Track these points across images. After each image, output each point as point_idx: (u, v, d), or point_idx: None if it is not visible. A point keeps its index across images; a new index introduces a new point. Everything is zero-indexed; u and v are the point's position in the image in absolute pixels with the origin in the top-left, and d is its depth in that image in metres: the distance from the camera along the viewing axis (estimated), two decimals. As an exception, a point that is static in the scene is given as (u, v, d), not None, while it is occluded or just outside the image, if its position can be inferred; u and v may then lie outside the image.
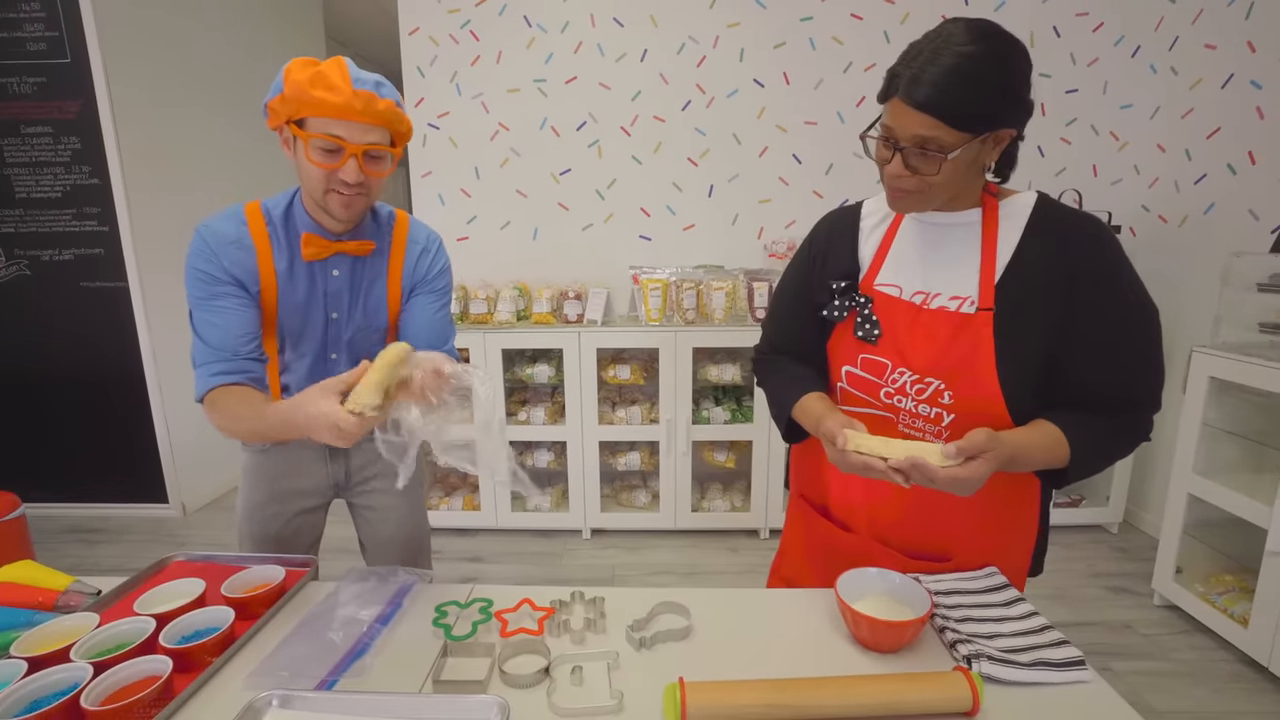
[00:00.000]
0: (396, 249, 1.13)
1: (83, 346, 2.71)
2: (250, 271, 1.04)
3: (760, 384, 1.13)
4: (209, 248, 1.02)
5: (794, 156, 2.67)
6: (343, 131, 0.94)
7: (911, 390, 0.91)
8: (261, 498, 1.22)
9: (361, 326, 1.13)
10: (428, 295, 1.16)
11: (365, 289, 1.11)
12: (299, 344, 1.12)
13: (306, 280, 1.07)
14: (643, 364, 2.57)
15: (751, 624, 0.91)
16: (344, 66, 0.94)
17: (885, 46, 2.58)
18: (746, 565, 2.43)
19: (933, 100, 0.76)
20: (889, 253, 0.96)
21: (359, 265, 1.10)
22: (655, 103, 2.63)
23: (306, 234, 1.04)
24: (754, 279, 2.43)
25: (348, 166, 0.95)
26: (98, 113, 2.53)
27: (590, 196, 2.71)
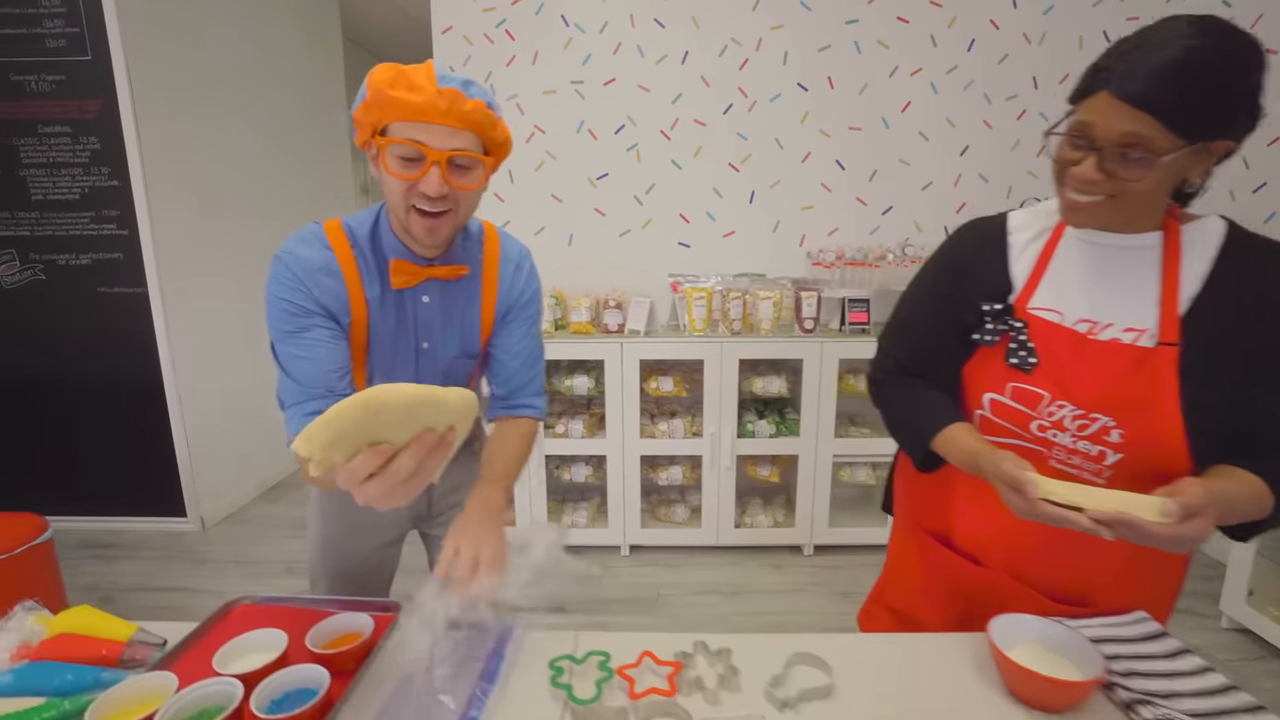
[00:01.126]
0: (489, 268, 1.04)
1: (99, 354, 2.61)
2: (341, 301, 0.94)
3: (882, 405, 1.04)
4: (295, 276, 0.91)
5: (837, 162, 2.60)
6: (423, 135, 0.83)
7: (1072, 425, 0.83)
8: (338, 533, 1.13)
9: (455, 355, 1.04)
10: (521, 318, 1.07)
11: (459, 315, 1.02)
12: (389, 377, 1.02)
13: (396, 309, 0.98)
14: (685, 375, 2.49)
15: (895, 676, 0.83)
16: (430, 66, 0.84)
17: (932, 50, 2.51)
18: (793, 584, 2.35)
19: (1150, 95, 0.68)
20: (1046, 273, 0.88)
21: (450, 289, 1.01)
22: (696, 106, 2.56)
23: (396, 260, 0.94)
24: (802, 288, 2.35)
25: (429, 177, 0.84)
26: (118, 112, 2.43)
27: (628, 202, 2.63)
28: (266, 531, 2.79)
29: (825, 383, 2.34)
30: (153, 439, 2.68)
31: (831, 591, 2.31)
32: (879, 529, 2.51)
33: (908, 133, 2.58)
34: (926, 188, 2.62)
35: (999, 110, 2.56)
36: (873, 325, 2.40)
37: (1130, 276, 0.83)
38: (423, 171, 0.84)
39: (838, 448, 2.42)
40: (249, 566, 2.48)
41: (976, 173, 2.61)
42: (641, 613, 2.19)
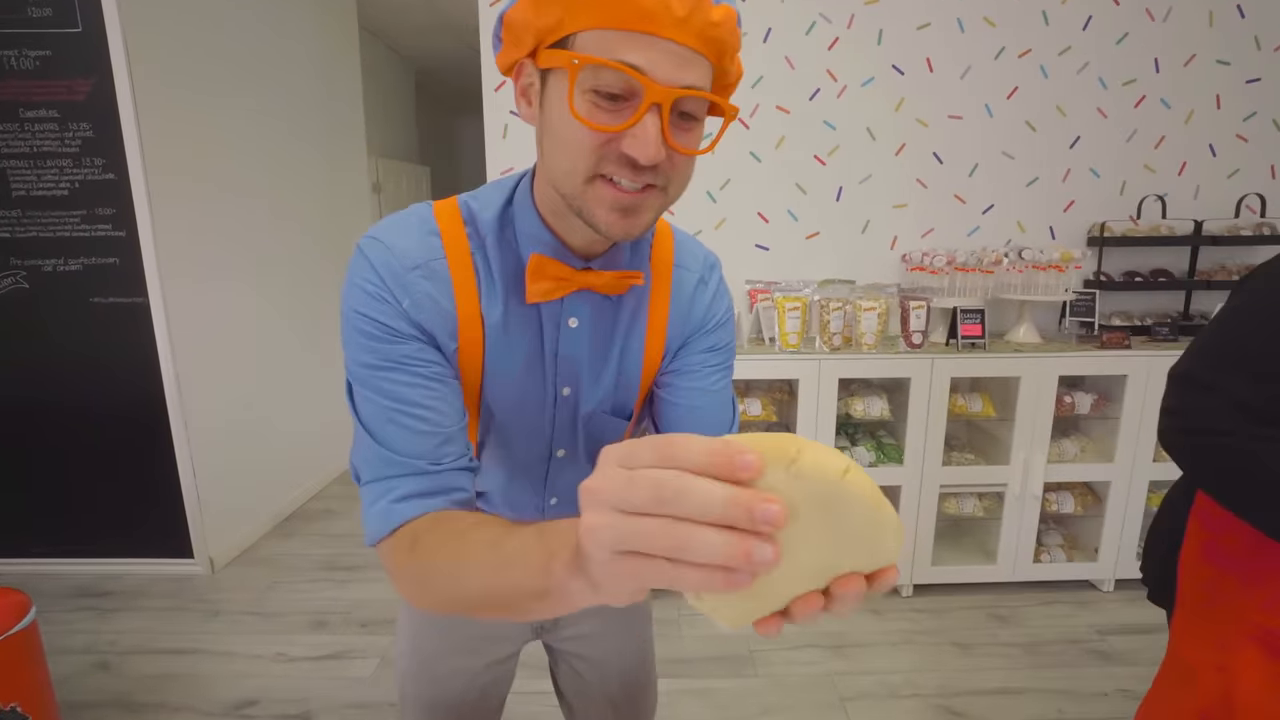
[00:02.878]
0: (659, 281, 0.69)
1: (93, 373, 2.26)
2: (446, 318, 0.61)
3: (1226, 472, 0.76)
4: (380, 280, 0.58)
5: (934, 155, 2.32)
6: (642, 58, 0.48)
7: None
8: (437, 650, 0.82)
9: (601, 406, 0.71)
10: (706, 357, 0.72)
11: (616, 349, 0.69)
12: (506, 436, 0.70)
13: (526, 332, 0.65)
14: (772, 396, 2.19)
15: None
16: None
17: (1043, 29, 2.24)
18: (899, 634, 2.06)
19: None
20: None
21: (605, 309, 0.67)
22: (778, 91, 2.26)
23: (538, 258, 0.60)
24: (909, 297, 2.06)
25: (644, 129, 0.49)
26: (114, 94, 2.09)
27: (700, 198, 2.33)
28: (285, 574, 2.45)
29: (935, 405, 2.06)
30: (154, 469, 2.34)
31: (944, 642, 2.02)
32: (986, 566, 2.23)
33: (1013, 122, 2.30)
34: (1032, 184, 2.35)
35: (1115, 97, 2.29)
36: (987, 339, 2.11)
37: None
38: (634, 119, 0.49)
39: (945, 477, 2.14)
40: (269, 620, 2.15)
41: (1087, 167, 2.34)
42: (735, 674, 1.89)
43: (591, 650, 0.88)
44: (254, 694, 1.80)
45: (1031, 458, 2.11)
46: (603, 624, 0.87)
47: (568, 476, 0.75)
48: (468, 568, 0.48)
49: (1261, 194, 2.31)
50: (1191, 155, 2.33)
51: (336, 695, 1.79)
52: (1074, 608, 2.19)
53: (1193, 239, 2.27)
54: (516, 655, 0.88)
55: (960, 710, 1.74)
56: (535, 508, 0.77)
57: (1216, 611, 0.85)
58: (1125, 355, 2.08)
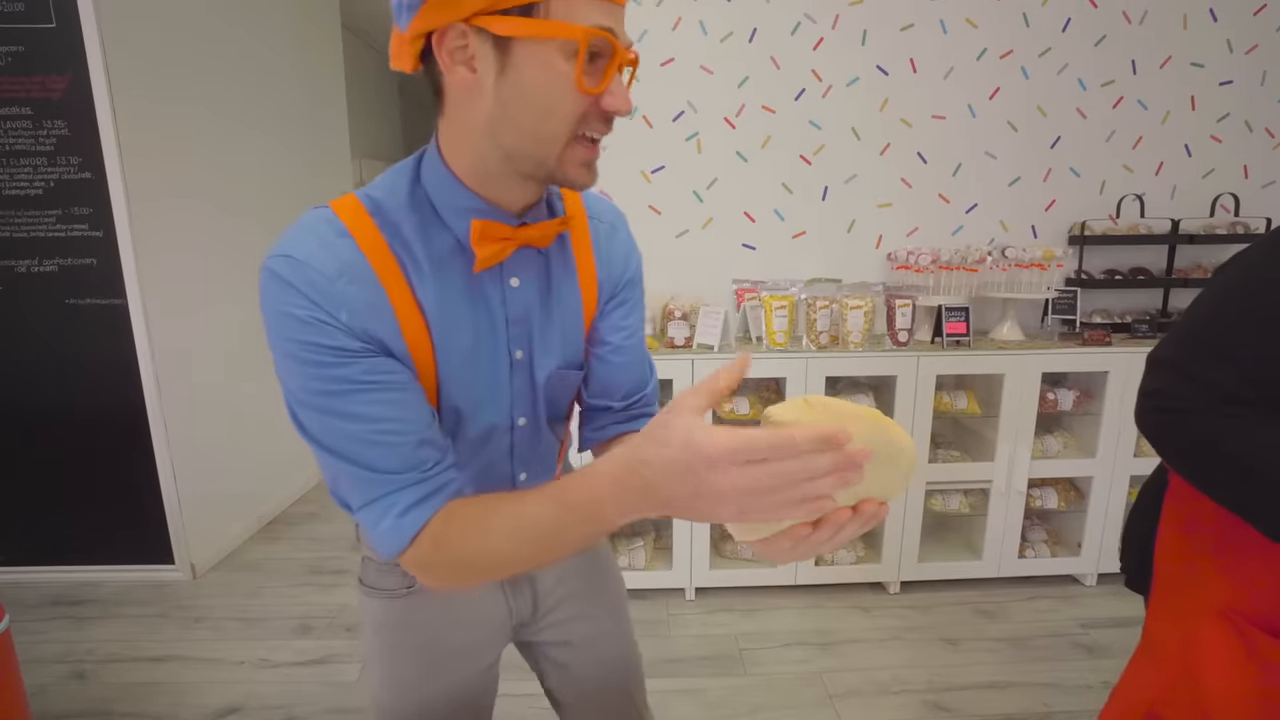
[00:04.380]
0: (578, 229, 0.71)
1: (70, 376, 2.22)
2: (384, 315, 0.58)
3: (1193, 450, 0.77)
4: (308, 300, 0.55)
5: (919, 155, 2.34)
6: (613, 22, 0.53)
7: None
8: (412, 670, 0.78)
9: (557, 365, 0.71)
10: (630, 298, 0.75)
11: (556, 299, 0.69)
12: (467, 416, 0.67)
13: (469, 305, 0.63)
14: (761, 395, 2.20)
15: None
16: None
17: (1024, 31, 2.27)
18: (886, 630, 2.07)
19: None
20: None
21: (539, 264, 0.68)
22: (764, 91, 2.27)
23: (482, 223, 0.59)
24: (894, 296, 2.08)
25: (618, 85, 0.55)
26: (90, 91, 2.05)
27: (686, 198, 2.33)
28: (269, 579, 2.42)
29: (920, 402, 2.07)
30: (133, 474, 2.30)
31: (933, 638, 2.03)
32: (972, 562, 2.25)
33: (996, 122, 2.33)
34: (1014, 183, 2.37)
35: (1094, 97, 2.32)
36: (971, 337, 2.14)
37: None
38: (608, 78, 0.54)
39: (931, 474, 2.16)
40: (253, 625, 2.11)
41: (1068, 166, 2.37)
42: (726, 673, 1.89)
43: (571, 634, 0.86)
44: (237, 700, 1.77)
45: (1016, 454, 2.14)
46: (579, 607, 0.86)
47: (531, 448, 0.74)
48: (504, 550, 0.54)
49: (1235, 194, 2.35)
50: (1168, 155, 2.38)
51: (321, 700, 1.76)
52: (1058, 602, 2.22)
53: (1170, 238, 2.31)
54: (497, 662, 0.86)
55: (948, 705, 1.75)
56: (505, 483, 0.75)
57: (1186, 590, 0.87)
58: (1106, 352, 2.11)
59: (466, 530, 0.56)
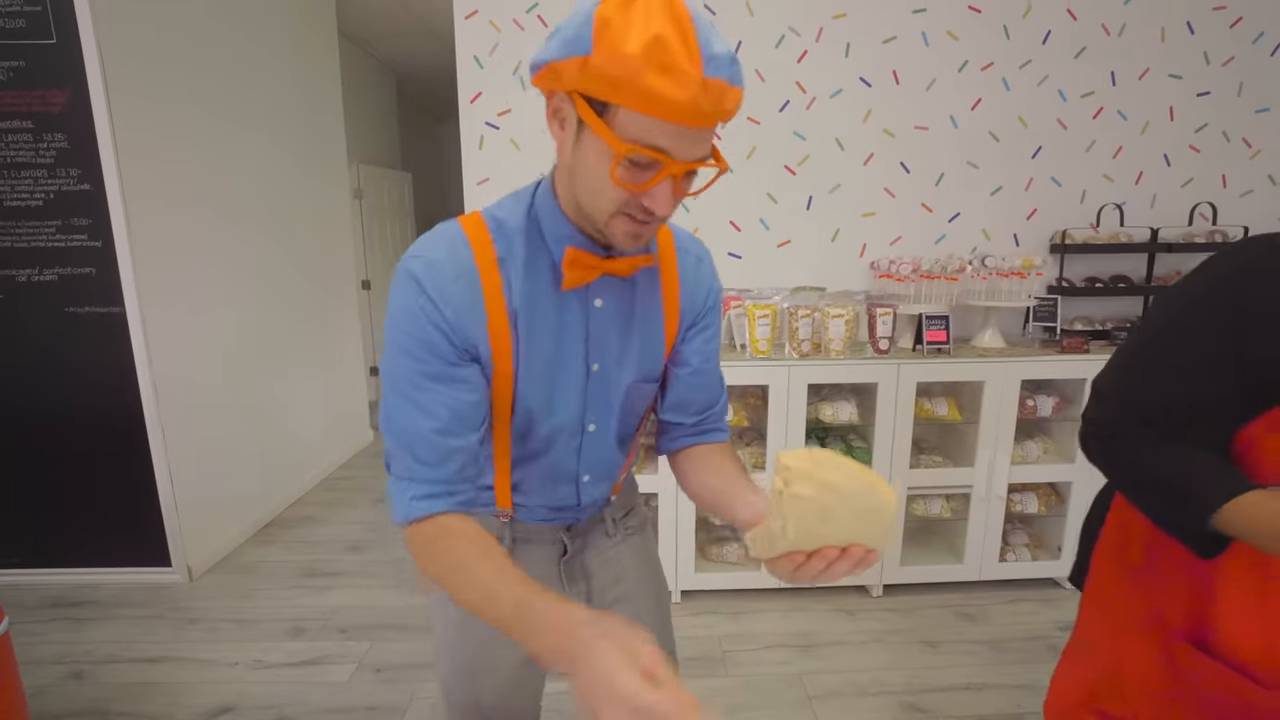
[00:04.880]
0: (666, 263, 0.79)
1: (69, 383, 2.26)
2: (479, 316, 0.69)
3: (1120, 467, 0.84)
4: (427, 297, 0.67)
5: (902, 165, 2.38)
6: (669, 142, 0.58)
7: None
8: (477, 644, 0.86)
9: (634, 379, 0.80)
10: (709, 324, 0.84)
11: (639, 324, 0.78)
12: (541, 416, 0.77)
13: (557, 317, 0.73)
14: (744, 402, 2.24)
15: None
16: (689, 24, 0.55)
17: (1004, 43, 2.31)
18: (868, 633, 2.11)
19: None
20: None
21: (628, 290, 0.76)
22: (749, 102, 2.31)
23: (573, 250, 0.69)
24: (875, 304, 2.12)
25: (660, 190, 0.61)
26: (89, 104, 2.10)
27: (673, 208, 2.37)
28: (264, 581, 2.46)
29: (901, 408, 2.11)
30: (131, 478, 2.34)
31: (913, 641, 2.07)
32: (953, 566, 2.29)
33: (977, 133, 2.37)
34: (996, 192, 2.42)
35: (1074, 108, 2.36)
36: (952, 344, 2.18)
37: None
38: (654, 182, 0.60)
39: (912, 479, 2.19)
40: (247, 627, 2.16)
41: (1049, 176, 2.41)
42: (708, 674, 1.93)
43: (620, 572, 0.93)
44: (231, 700, 1.81)
45: (996, 459, 2.17)
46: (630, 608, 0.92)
47: (598, 452, 0.82)
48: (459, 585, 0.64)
49: (1213, 203, 2.39)
50: (1148, 165, 2.41)
51: (313, 701, 1.81)
52: (1038, 605, 2.26)
53: (1149, 246, 2.35)
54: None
55: (924, 706, 1.79)
56: (569, 482, 0.83)
57: (1118, 597, 0.92)
58: (1084, 359, 2.15)
59: (450, 556, 0.65)
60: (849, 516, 0.55)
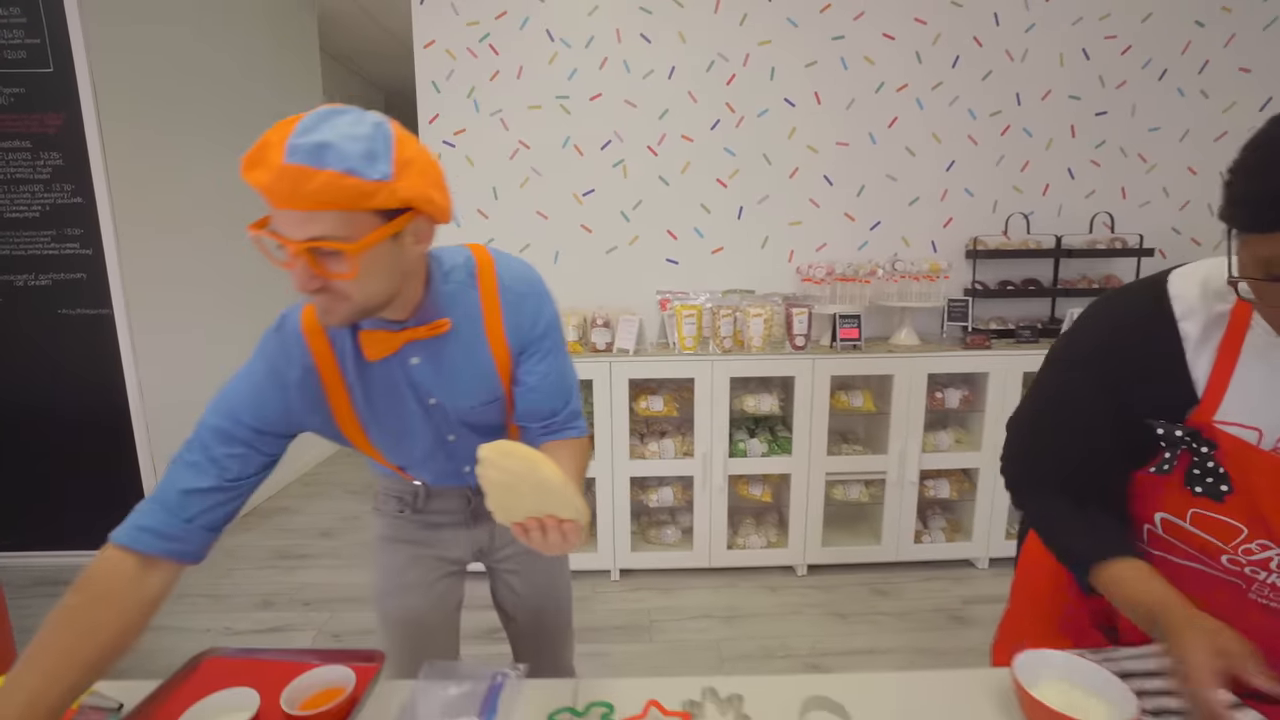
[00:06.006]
0: (489, 305, 0.89)
1: (61, 379, 2.48)
2: (319, 400, 0.86)
3: (1025, 508, 0.90)
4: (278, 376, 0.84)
5: (825, 178, 2.59)
6: (280, 224, 0.69)
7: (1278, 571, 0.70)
8: (398, 567, 1.08)
9: (474, 404, 0.93)
10: (538, 350, 0.92)
11: (461, 366, 0.90)
12: (402, 442, 0.94)
13: (384, 378, 0.88)
14: (675, 394, 2.44)
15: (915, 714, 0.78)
16: (286, 129, 0.66)
17: (917, 67, 2.53)
18: (788, 606, 2.30)
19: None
20: (1234, 377, 0.70)
21: (441, 345, 0.88)
22: (683, 121, 2.53)
23: (365, 332, 0.83)
24: (792, 305, 2.32)
25: (294, 270, 0.70)
26: (82, 126, 2.34)
27: (614, 218, 2.59)
28: (241, 562, 2.66)
29: (817, 400, 2.31)
30: (118, 465, 2.55)
31: (827, 613, 2.26)
32: (872, 547, 2.48)
33: (895, 148, 2.58)
34: (914, 203, 2.62)
35: (983, 126, 2.57)
36: (864, 341, 2.38)
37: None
38: (289, 262, 0.70)
39: (830, 466, 2.39)
40: (221, 601, 2.36)
41: (962, 187, 2.62)
42: (634, 640, 2.11)
43: (520, 566, 1.13)
44: (199, 662, 2.00)
45: (907, 447, 2.37)
46: (528, 548, 1.11)
47: (469, 449, 0.87)
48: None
49: (1111, 213, 2.60)
50: (1053, 178, 2.62)
51: (273, 662, 2.00)
52: (950, 583, 2.44)
53: (1055, 252, 2.55)
54: (462, 570, 1.14)
55: (823, 666, 1.97)
56: (456, 472, 1.00)
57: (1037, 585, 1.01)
58: (986, 355, 2.34)
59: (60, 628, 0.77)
60: (528, 491, 0.69)
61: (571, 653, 1.25)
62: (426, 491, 1.05)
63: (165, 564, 0.78)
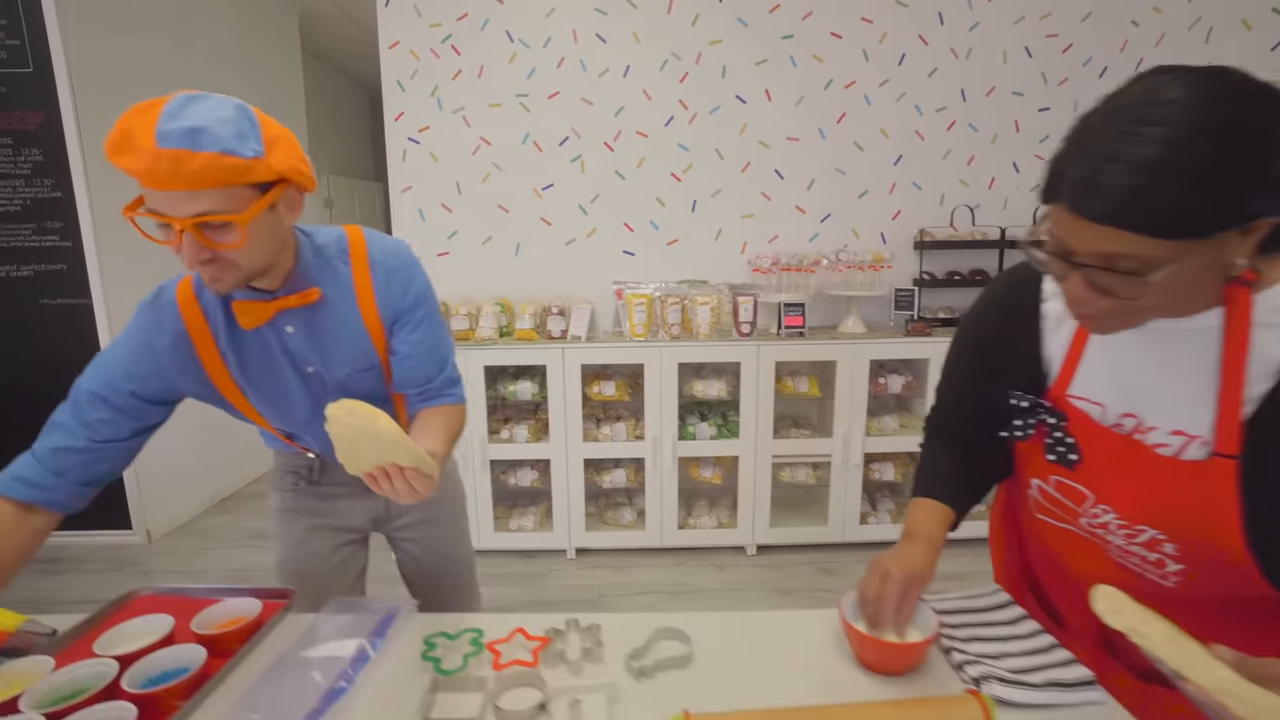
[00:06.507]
0: (360, 279, 0.97)
1: (41, 366, 2.59)
2: (194, 368, 0.93)
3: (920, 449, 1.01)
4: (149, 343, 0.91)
5: (776, 172, 2.69)
6: (161, 204, 0.75)
7: (1118, 532, 0.74)
8: (298, 538, 1.15)
9: (350, 372, 1.00)
10: (410, 321, 1.00)
11: (336, 335, 0.97)
12: (282, 408, 1.00)
13: (260, 346, 0.95)
14: (628, 380, 2.54)
15: (753, 649, 0.88)
16: (153, 116, 0.71)
17: (864, 65, 2.62)
18: (735, 583, 2.40)
19: (1118, 213, 0.53)
20: (1084, 355, 0.75)
21: (316, 313, 0.94)
22: (638, 118, 2.63)
23: (237, 302, 0.89)
24: (739, 293, 2.42)
25: (184, 245, 0.77)
26: (61, 123, 2.44)
27: (573, 212, 2.69)
28: (215, 543, 2.77)
29: (763, 385, 2.41)
30: (97, 450, 2.66)
31: (771, 589, 2.36)
32: (819, 528, 2.57)
33: (844, 143, 2.67)
34: (863, 196, 2.72)
35: (930, 121, 2.66)
36: (808, 329, 2.47)
37: (1182, 367, 0.66)
38: (176, 240, 0.77)
39: (777, 449, 2.48)
40: (195, 577, 2.47)
41: (910, 181, 2.71)
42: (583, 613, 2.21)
43: (419, 534, 1.21)
44: (167, 631, 2.11)
45: (851, 431, 2.46)
46: (423, 513, 1.20)
47: None
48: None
49: (1055, 204, 2.68)
50: (998, 172, 2.71)
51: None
52: (896, 562, 2.53)
53: (1000, 243, 2.65)
54: (362, 541, 1.21)
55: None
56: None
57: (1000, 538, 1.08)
58: (926, 341, 2.44)
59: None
60: (368, 443, 0.77)
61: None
62: (321, 464, 1.11)
63: (41, 510, 0.90)
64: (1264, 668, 0.54)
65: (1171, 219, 0.53)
